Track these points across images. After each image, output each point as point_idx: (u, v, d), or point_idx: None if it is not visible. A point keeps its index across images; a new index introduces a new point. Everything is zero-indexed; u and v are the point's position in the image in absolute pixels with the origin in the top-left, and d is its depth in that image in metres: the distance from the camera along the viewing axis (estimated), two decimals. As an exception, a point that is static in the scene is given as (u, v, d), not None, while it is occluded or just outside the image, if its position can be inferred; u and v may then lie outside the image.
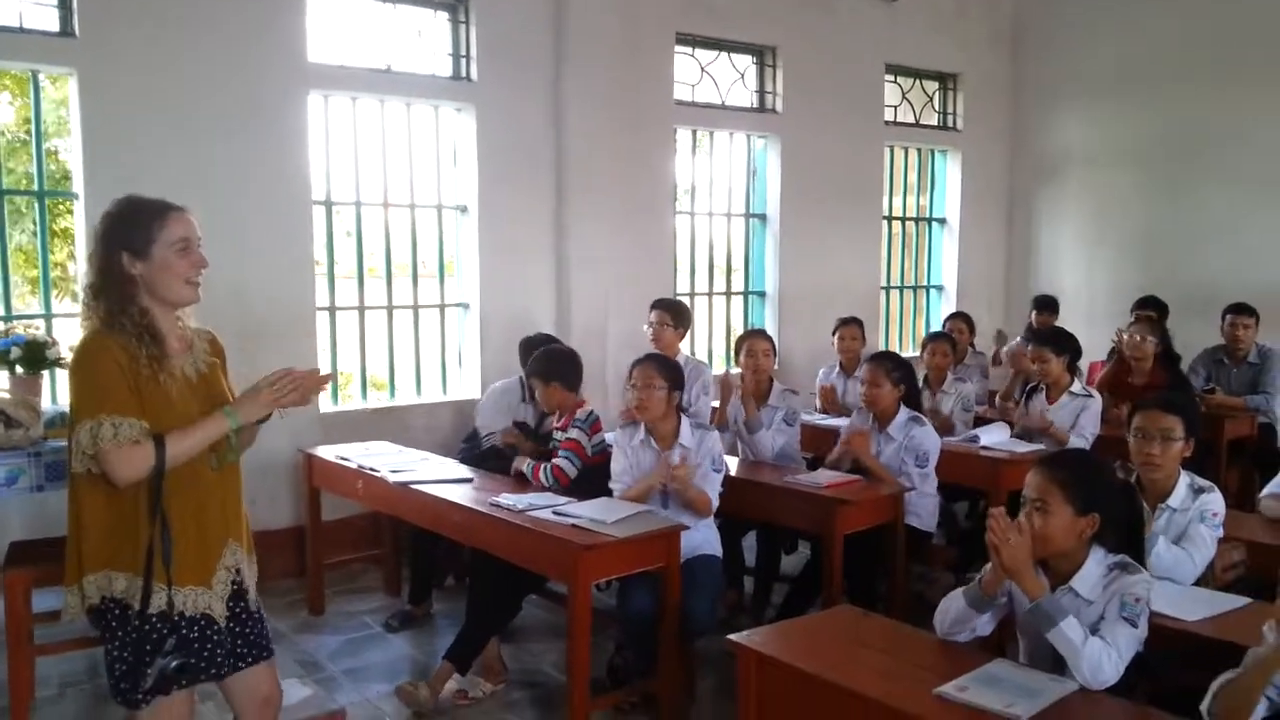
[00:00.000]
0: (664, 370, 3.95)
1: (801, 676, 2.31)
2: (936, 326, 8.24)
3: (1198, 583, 2.94)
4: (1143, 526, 2.56)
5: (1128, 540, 2.49)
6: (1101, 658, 2.25)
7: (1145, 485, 3.13)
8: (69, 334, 4.56)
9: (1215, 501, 3.04)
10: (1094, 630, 2.33)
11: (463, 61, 5.94)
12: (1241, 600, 2.75)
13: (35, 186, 5.01)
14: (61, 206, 6.57)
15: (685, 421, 4.02)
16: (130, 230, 2.39)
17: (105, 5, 4.78)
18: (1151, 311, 6.39)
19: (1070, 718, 2.15)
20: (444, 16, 5.91)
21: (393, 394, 6.08)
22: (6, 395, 3.73)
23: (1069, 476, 2.41)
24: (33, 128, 4.93)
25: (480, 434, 4.98)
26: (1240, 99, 7.17)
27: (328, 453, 4.85)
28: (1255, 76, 7.08)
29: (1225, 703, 2.07)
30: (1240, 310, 5.98)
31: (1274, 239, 7.08)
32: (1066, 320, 6.95)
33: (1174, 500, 3.05)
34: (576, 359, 4.46)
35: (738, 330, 7.43)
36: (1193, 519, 3.01)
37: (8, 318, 4.77)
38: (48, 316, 4.90)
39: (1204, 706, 2.10)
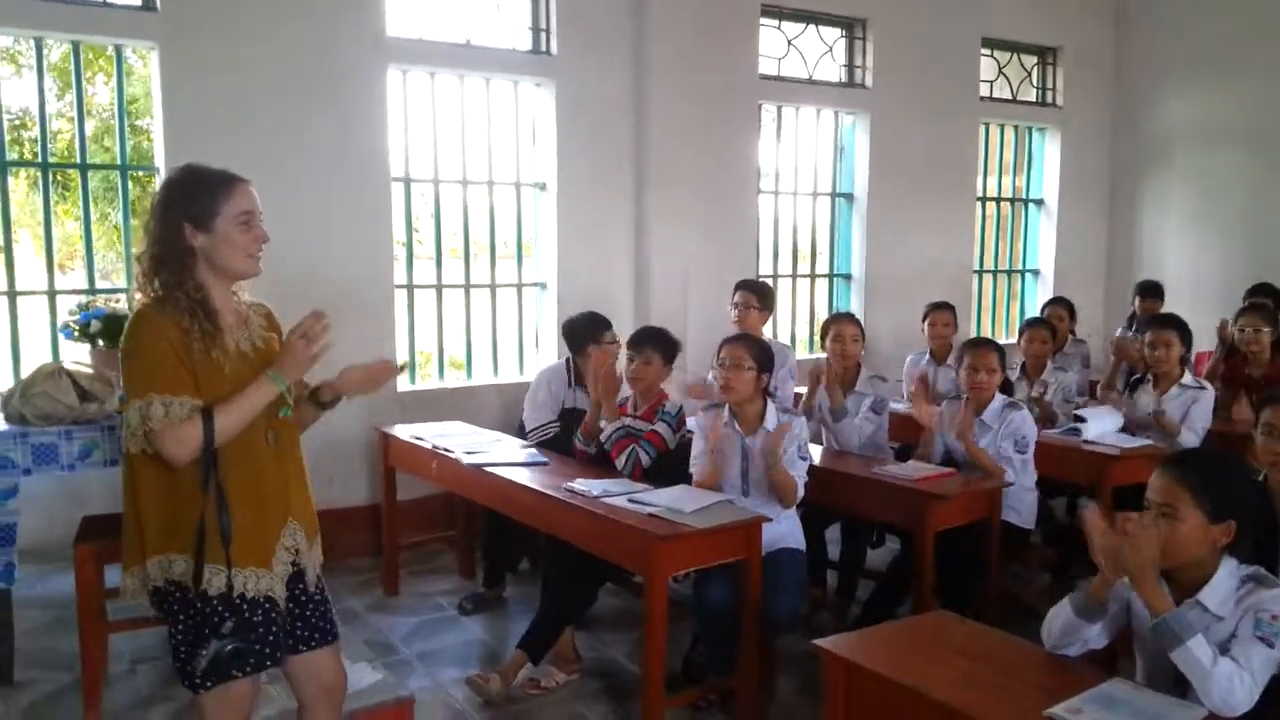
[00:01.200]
0: (754, 350, 3.78)
1: (895, 689, 2.13)
2: (1032, 312, 7.90)
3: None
4: (1279, 534, 2.32)
5: (1263, 550, 2.25)
6: (1234, 681, 2.02)
7: (1274, 487, 2.86)
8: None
9: None
10: (1224, 650, 2.10)
11: (542, 35, 5.81)
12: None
13: (118, 161, 5.03)
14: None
15: (771, 405, 3.84)
16: (193, 201, 2.31)
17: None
18: (1267, 299, 5.98)
19: (1199, 748, 1.94)
20: (524, -11, 5.79)
21: (469, 374, 6.01)
22: (86, 369, 3.72)
23: (1201, 479, 2.17)
24: (116, 102, 4.95)
25: (527, 429, 4.70)
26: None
27: (403, 432, 4.79)
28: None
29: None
30: None
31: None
32: (1170, 308, 6.55)
33: None
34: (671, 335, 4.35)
35: (821, 314, 7.21)
36: None
37: (91, 291, 4.80)
38: (130, 291, 4.92)
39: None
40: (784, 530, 3.74)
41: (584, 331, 4.60)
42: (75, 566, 3.28)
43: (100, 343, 3.99)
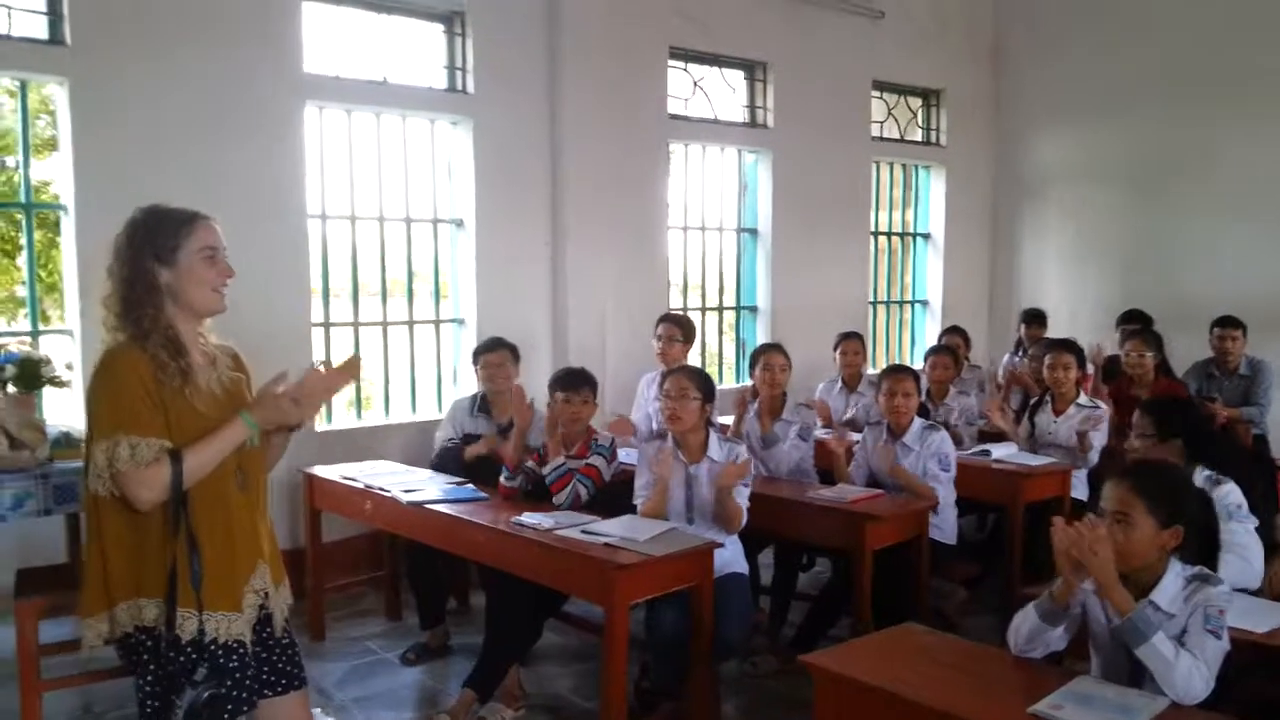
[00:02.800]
0: (698, 380, 3.88)
1: (887, 698, 2.23)
2: (922, 341, 8.31)
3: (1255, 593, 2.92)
4: (1219, 538, 2.52)
5: (1204, 552, 2.45)
6: (1193, 672, 2.21)
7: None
8: (57, 351, 4.39)
9: (1234, 493, 3.06)
10: (1178, 644, 2.29)
11: (459, 74, 5.85)
12: (1301, 610, 2.74)
13: (21, 199, 4.82)
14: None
15: (714, 435, 3.94)
16: (157, 237, 2.30)
17: (97, 13, 4.64)
18: (1138, 324, 6.44)
19: (1170, 734, 2.10)
20: (439, 29, 5.82)
21: (387, 412, 5.94)
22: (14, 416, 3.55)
23: (1153, 488, 2.37)
24: (20, 139, 4.75)
25: (439, 444, 4.86)
26: (1215, 118, 7.29)
27: (330, 473, 4.70)
28: (1229, 96, 7.20)
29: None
30: (1227, 323, 6.03)
31: (1249, 254, 7.19)
32: (1051, 334, 6.98)
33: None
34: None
35: (730, 345, 7.41)
36: (1219, 516, 3.00)
37: (-4, 335, 4.58)
38: (35, 334, 4.71)
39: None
40: (729, 556, 3.84)
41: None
42: (16, 623, 3.11)
43: (12, 388, 3.81)
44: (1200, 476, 3.13)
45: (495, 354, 4.80)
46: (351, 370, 2.46)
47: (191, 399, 2.26)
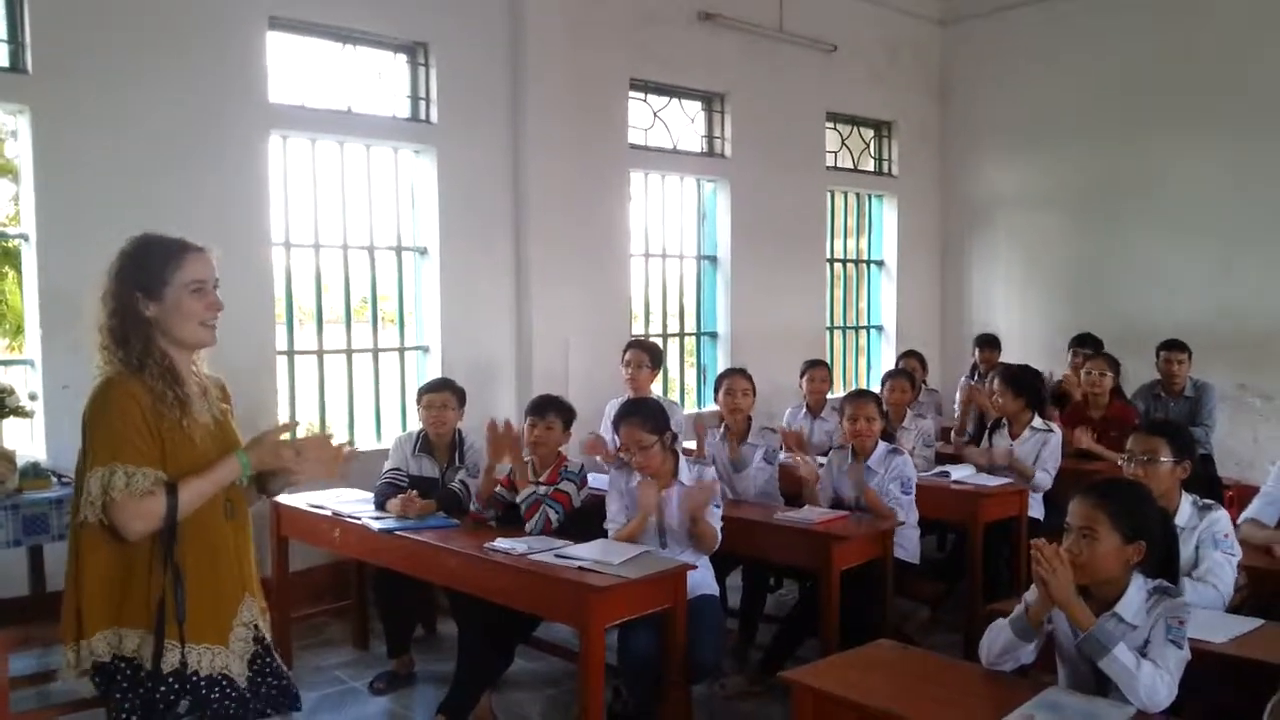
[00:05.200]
0: (646, 424, 3.88)
1: (865, 712, 2.30)
2: (878, 365, 8.46)
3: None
4: (1178, 552, 2.63)
5: (1164, 565, 2.56)
6: (1156, 681, 2.30)
7: None
8: (13, 380, 4.34)
9: (1223, 521, 3.15)
10: (1141, 654, 2.38)
11: (422, 104, 5.90)
12: (1255, 621, 2.85)
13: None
14: None
15: (683, 460, 4.00)
16: (143, 270, 2.28)
17: (60, 42, 4.63)
18: (1089, 349, 6.63)
19: (1138, 741, 2.19)
20: (403, 59, 5.87)
21: (352, 440, 5.91)
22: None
23: (1116, 505, 2.47)
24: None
25: (384, 474, 4.65)
26: (1155, 145, 7.57)
27: (297, 501, 4.68)
28: (1168, 124, 7.48)
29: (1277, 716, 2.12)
30: (1173, 346, 6.22)
31: (1192, 277, 7.45)
32: (1003, 358, 7.16)
33: (1180, 519, 3.15)
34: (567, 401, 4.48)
35: (690, 371, 7.49)
36: (1204, 541, 3.12)
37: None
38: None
39: (1264, 725, 2.15)
40: (700, 578, 3.88)
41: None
42: (-15, 655, 3.07)
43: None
44: (1188, 503, 3.23)
45: (439, 394, 4.64)
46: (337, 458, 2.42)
47: (189, 430, 2.26)
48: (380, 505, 4.41)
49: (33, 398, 3.93)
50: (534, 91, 6.11)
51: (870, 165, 8.60)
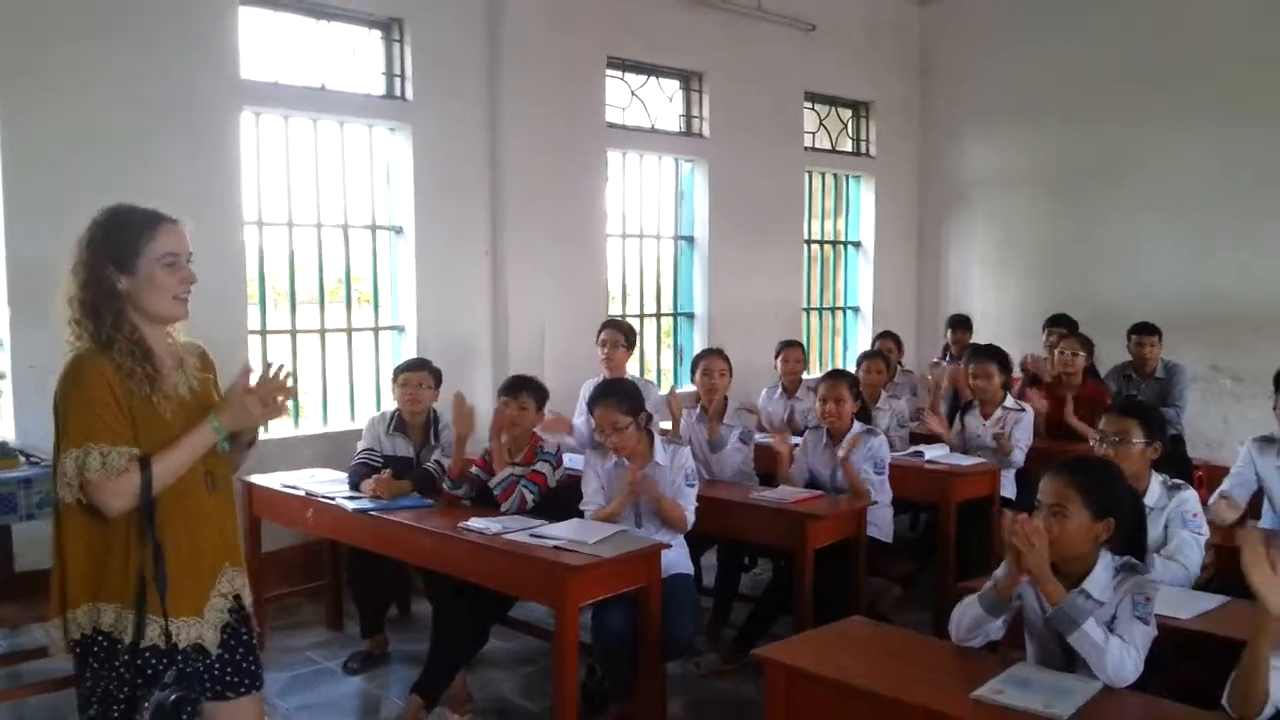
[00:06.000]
0: (621, 405, 3.89)
1: (837, 687, 2.32)
2: (854, 346, 8.49)
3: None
4: (1146, 530, 2.66)
5: (1132, 543, 2.59)
6: (1123, 656, 2.33)
7: None
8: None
9: (1192, 500, 3.19)
10: (1108, 630, 2.41)
11: (397, 81, 5.84)
12: (1220, 599, 2.89)
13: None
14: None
15: (658, 440, 4.00)
16: (114, 242, 2.25)
17: (29, 17, 4.54)
18: (1064, 328, 6.67)
19: (1104, 714, 2.22)
20: (378, 35, 5.80)
21: (325, 420, 5.89)
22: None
23: (1088, 482, 2.50)
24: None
25: (358, 454, 4.61)
26: (1131, 128, 7.60)
27: (270, 481, 4.66)
28: (1144, 107, 7.51)
29: (1237, 690, 2.15)
30: (1144, 330, 6.27)
31: (1167, 259, 7.50)
32: (976, 339, 7.19)
33: (1149, 499, 3.18)
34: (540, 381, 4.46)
35: (668, 351, 7.49)
36: (1172, 520, 3.16)
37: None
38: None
39: (1225, 699, 2.18)
40: (674, 557, 3.90)
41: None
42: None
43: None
44: (1158, 483, 3.26)
45: (416, 374, 4.62)
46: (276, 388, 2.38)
47: (159, 406, 2.24)
48: (354, 485, 4.39)
49: (0, 376, 3.88)
50: (511, 69, 6.06)
51: (848, 146, 8.60)
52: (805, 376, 6.26)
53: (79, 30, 4.66)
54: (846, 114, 8.57)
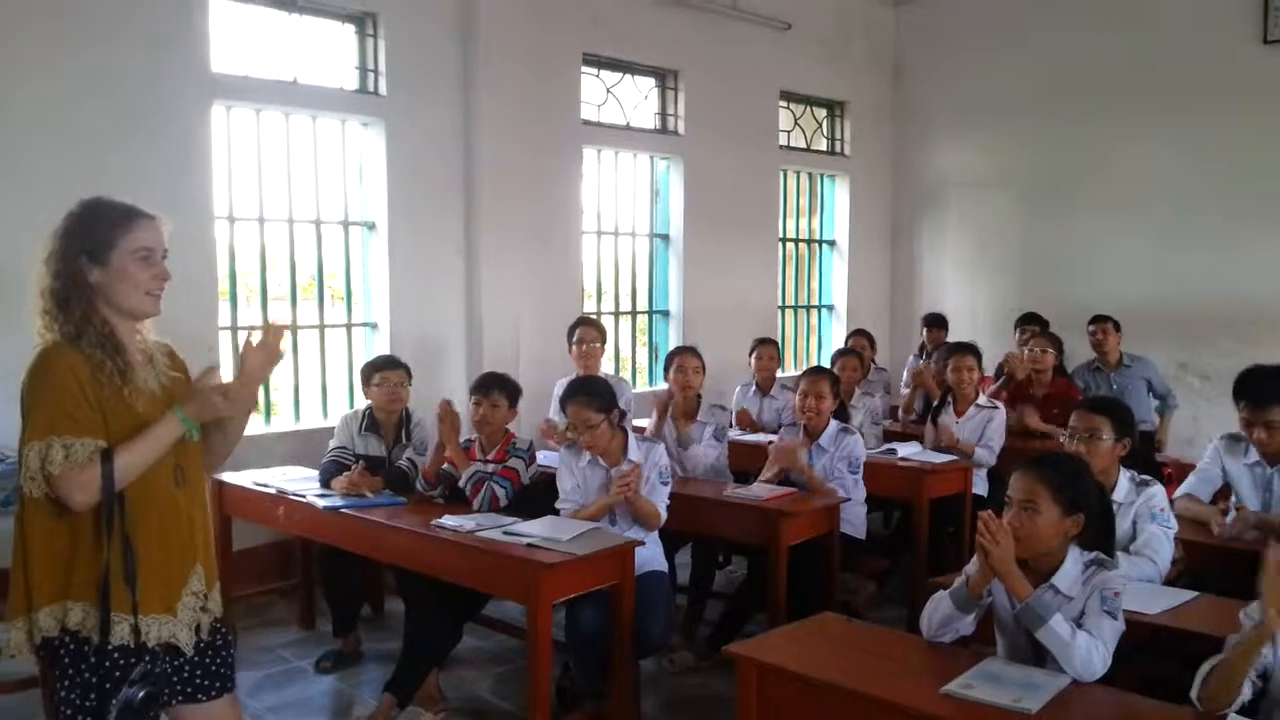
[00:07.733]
0: (593, 403, 3.88)
1: (808, 683, 2.32)
2: (829, 345, 8.52)
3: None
4: (1114, 525, 2.69)
5: (1101, 538, 2.61)
6: (1091, 651, 2.35)
7: None
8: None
9: (1160, 496, 3.22)
10: (1076, 625, 2.43)
11: (371, 75, 5.80)
12: (1190, 594, 2.92)
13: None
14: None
15: (631, 437, 4.00)
16: (89, 234, 2.24)
17: (-5, 8, 4.48)
18: (1035, 326, 6.74)
19: (1073, 709, 2.24)
20: (351, 29, 5.76)
21: (297, 417, 5.84)
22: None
23: (1057, 478, 2.52)
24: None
25: (330, 452, 4.59)
26: (1103, 129, 7.65)
27: (241, 479, 4.62)
28: (1116, 108, 7.56)
29: (1212, 686, 2.18)
30: (1097, 320, 6.33)
31: (1136, 258, 7.56)
32: (950, 338, 7.24)
33: (1117, 495, 3.21)
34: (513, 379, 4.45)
35: (642, 349, 7.49)
36: (1141, 515, 3.19)
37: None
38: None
39: (1194, 693, 2.20)
40: (649, 554, 3.90)
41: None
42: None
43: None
44: (1126, 478, 3.29)
45: (395, 372, 4.60)
46: (274, 340, 2.41)
47: (130, 399, 2.22)
48: (326, 483, 4.36)
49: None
50: (485, 64, 6.04)
51: (823, 145, 8.62)
52: (779, 374, 6.27)
53: (45, 23, 4.59)
54: (821, 113, 8.60)
